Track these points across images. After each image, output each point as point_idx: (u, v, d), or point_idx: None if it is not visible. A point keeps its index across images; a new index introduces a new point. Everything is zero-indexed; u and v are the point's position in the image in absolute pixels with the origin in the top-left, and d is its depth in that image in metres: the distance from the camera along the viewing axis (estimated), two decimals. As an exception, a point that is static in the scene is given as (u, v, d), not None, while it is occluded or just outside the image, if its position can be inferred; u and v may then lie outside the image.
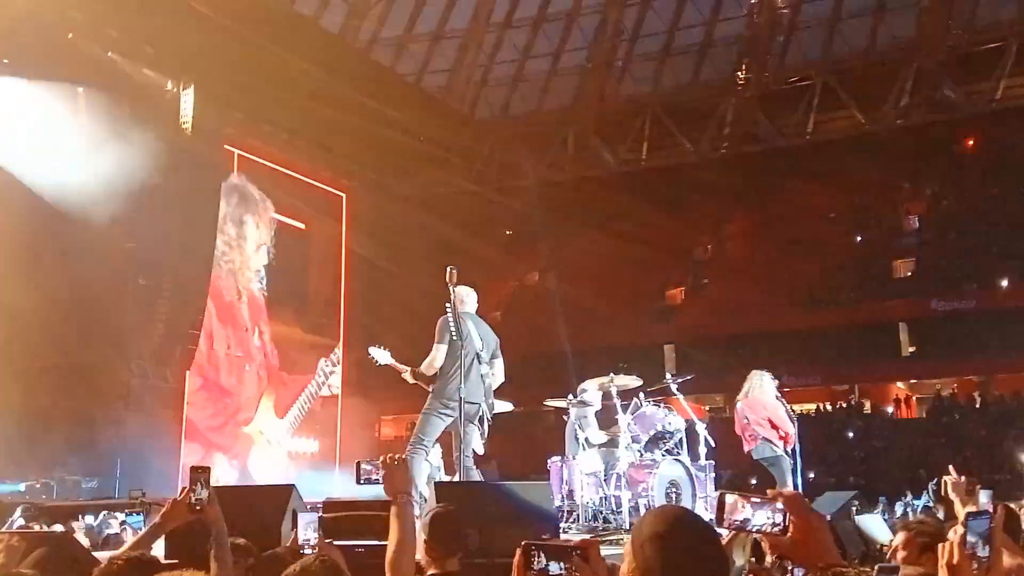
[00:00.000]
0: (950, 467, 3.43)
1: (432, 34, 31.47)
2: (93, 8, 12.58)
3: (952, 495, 3.27)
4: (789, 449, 8.43)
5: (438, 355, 6.78)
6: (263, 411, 14.58)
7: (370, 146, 17.17)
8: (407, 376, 7.02)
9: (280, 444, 14.48)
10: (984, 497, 2.91)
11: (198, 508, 2.75)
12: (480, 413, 6.69)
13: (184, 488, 2.79)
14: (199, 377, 13.68)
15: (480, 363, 6.74)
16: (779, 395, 8.74)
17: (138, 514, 8.08)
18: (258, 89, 14.58)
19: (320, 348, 15.59)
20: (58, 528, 7.41)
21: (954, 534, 1.97)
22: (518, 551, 1.85)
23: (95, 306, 13.02)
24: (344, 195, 17.32)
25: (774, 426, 8.41)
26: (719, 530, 2.53)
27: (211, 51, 13.64)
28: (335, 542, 3.29)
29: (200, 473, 2.79)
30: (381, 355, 7.08)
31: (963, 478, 3.28)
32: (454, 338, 6.70)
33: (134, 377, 13.12)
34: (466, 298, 7.04)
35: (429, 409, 6.80)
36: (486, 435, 6.79)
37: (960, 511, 3.19)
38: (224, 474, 13.63)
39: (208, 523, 2.80)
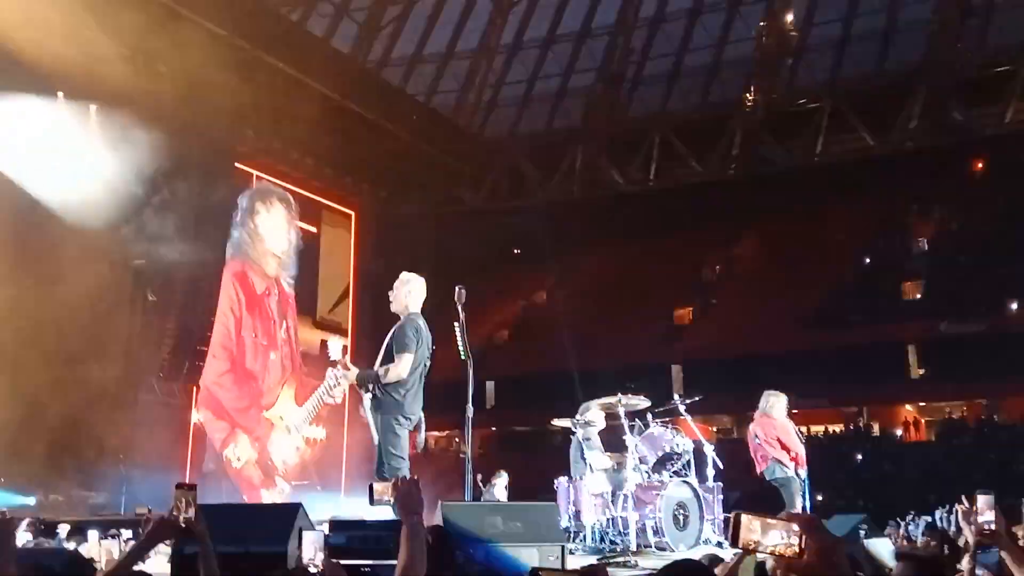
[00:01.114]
0: (963, 497, 3.41)
1: (442, 54, 31.72)
2: (106, 28, 12.70)
3: (963, 524, 3.25)
4: (801, 471, 8.43)
5: (405, 366, 6.39)
6: (284, 398, 14.92)
7: (380, 165, 17.25)
8: (350, 375, 6.71)
9: (298, 431, 14.85)
10: (982, 503, 2.88)
11: (184, 526, 2.74)
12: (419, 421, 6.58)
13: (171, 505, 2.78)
14: (226, 361, 13.95)
15: (426, 369, 6.61)
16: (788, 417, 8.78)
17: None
18: (269, 107, 14.67)
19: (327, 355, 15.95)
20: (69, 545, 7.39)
21: (965, 563, 1.97)
22: None
23: (103, 321, 13.07)
24: (353, 213, 17.40)
25: (784, 447, 8.42)
26: (733, 550, 2.51)
27: (222, 69, 13.74)
28: (342, 561, 3.28)
29: (186, 491, 2.78)
30: (336, 346, 6.93)
31: (974, 508, 3.26)
32: (419, 349, 6.47)
33: (141, 393, 13.14)
34: (420, 295, 6.74)
35: (394, 425, 6.42)
36: (423, 443, 6.63)
37: (971, 540, 3.18)
38: (245, 453, 13.99)
39: (195, 540, 2.80)
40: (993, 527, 2.38)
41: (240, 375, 14.20)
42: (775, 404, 8.65)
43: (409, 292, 6.71)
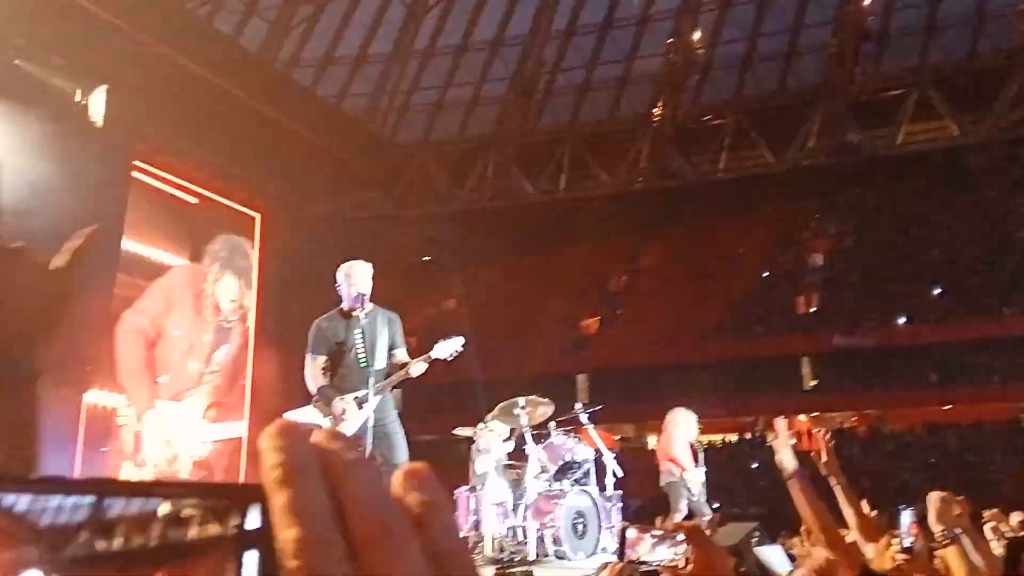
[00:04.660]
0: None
1: (354, 57, 31.43)
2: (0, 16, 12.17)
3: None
4: (686, 475, 8.84)
5: None
6: (191, 407, 14.19)
7: (288, 167, 16.93)
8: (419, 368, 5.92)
9: (176, 441, 13.89)
10: (907, 518, 3.03)
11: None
12: None
13: None
14: (138, 319, 13.25)
15: None
16: (695, 436, 9.18)
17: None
18: (172, 104, 14.26)
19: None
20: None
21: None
22: None
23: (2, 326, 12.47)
24: (259, 215, 16.98)
25: (669, 457, 8.82)
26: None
27: (124, 63, 13.30)
28: None
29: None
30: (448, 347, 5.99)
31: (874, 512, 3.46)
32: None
33: (32, 397, 12.54)
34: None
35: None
36: None
37: (866, 549, 3.36)
38: (130, 416, 13.17)
39: None
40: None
41: (143, 339, 13.57)
42: (674, 419, 9.15)
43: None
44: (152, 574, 0.35)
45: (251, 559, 0.35)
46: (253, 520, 0.35)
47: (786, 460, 3.12)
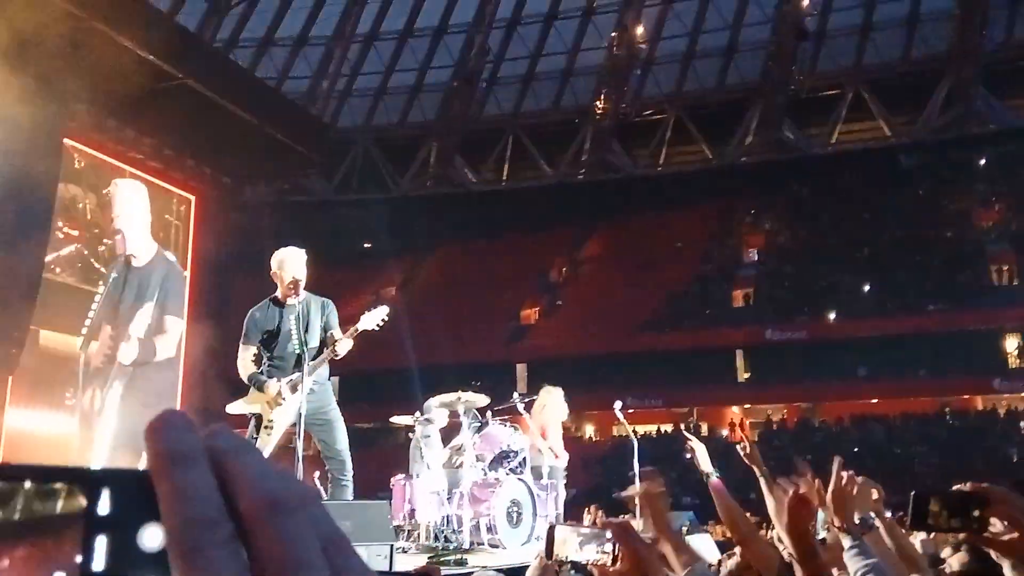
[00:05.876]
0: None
1: (295, 39, 30.96)
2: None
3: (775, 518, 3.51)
4: (561, 464, 8.36)
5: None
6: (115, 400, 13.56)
7: (224, 149, 16.55)
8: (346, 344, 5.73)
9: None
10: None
11: None
12: None
13: None
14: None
15: None
16: (566, 414, 8.70)
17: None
18: (104, 82, 13.81)
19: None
20: None
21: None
22: None
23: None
24: (193, 198, 16.61)
25: (550, 445, 8.36)
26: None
27: (53, 39, 12.84)
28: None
29: None
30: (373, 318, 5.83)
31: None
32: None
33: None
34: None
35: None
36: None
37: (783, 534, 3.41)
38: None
39: None
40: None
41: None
42: (546, 400, 8.54)
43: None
44: (15, 547, 0.34)
45: (100, 544, 0.34)
46: (104, 506, 0.35)
47: (704, 465, 3.18)
